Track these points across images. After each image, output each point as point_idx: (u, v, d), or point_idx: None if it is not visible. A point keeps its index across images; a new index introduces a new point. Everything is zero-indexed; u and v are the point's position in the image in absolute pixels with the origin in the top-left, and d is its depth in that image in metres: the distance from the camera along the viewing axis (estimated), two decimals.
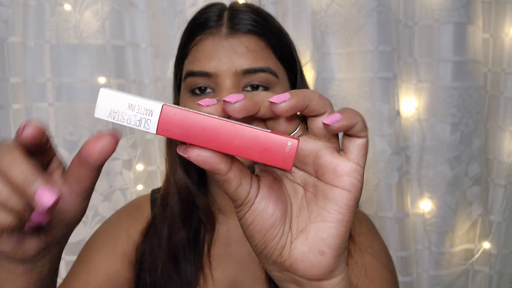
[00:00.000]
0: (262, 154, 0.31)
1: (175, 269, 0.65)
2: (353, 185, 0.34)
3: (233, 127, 0.31)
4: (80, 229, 1.00)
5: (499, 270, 1.09)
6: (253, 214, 0.35)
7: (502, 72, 1.03)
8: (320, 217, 0.35)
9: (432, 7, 0.99)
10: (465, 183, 1.05)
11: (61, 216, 0.37)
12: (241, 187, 0.34)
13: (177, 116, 0.31)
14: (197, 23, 0.64)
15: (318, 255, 0.34)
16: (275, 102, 0.31)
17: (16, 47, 0.91)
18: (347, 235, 0.35)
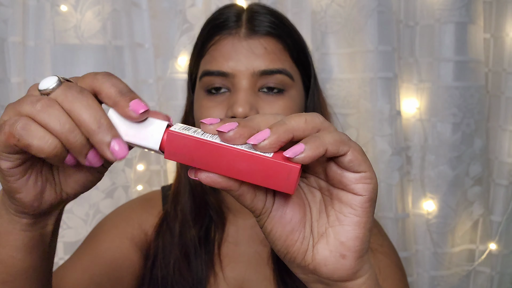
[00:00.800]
0: (265, 180, 0.32)
1: (187, 267, 0.66)
2: (363, 189, 0.34)
3: (234, 152, 0.32)
4: (81, 228, 1.00)
5: (500, 270, 1.09)
6: (272, 222, 0.36)
7: (503, 71, 1.03)
8: (338, 220, 0.35)
9: (433, 7, 0.99)
10: (466, 183, 1.04)
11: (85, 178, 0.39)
12: (256, 199, 0.34)
13: (181, 142, 0.32)
14: (216, 23, 0.65)
15: (339, 258, 0.35)
16: (254, 143, 0.32)
17: (17, 47, 0.91)
18: (368, 236, 0.35)
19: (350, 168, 0.34)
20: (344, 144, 0.33)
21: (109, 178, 1.00)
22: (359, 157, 0.34)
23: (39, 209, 0.38)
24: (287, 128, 0.32)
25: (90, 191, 0.99)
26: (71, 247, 1.01)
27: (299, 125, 0.32)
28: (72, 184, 0.39)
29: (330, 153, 0.32)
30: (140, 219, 0.70)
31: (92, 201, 1.00)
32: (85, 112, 0.32)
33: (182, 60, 1.01)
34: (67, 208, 0.99)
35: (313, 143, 0.31)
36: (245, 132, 0.32)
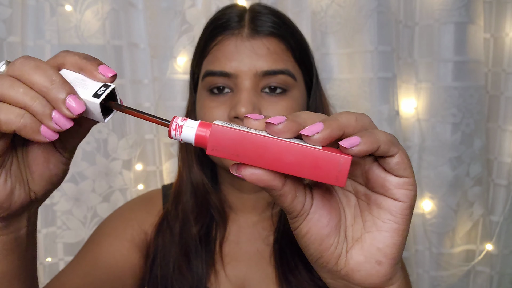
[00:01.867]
0: (314, 172, 0.31)
1: (187, 265, 0.66)
2: (405, 196, 0.33)
3: (282, 145, 0.31)
4: (79, 230, 1.00)
5: (500, 270, 1.09)
6: (308, 224, 0.35)
7: (503, 72, 1.03)
8: (375, 226, 0.34)
9: (432, 7, 0.99)
10: (466, 183, 1.04)
11: (49, 171, 0.39)
12: (296, 200, 0.34)
13: (226, 135, 0.31)
14: (219, 23, 0.65)
15: (375, 264, 0.34)
16: (307, 134, 0.31)
17: (15, 47, 0.91)
18: (404, 243, 0.35)
19: (395, 171, 0.33)
20: (394, 145, 0.32)
21: (106, 181, 1.00)
22: (406, 161, 0.33)
23: (10, 210, 0.38)
24: (339, 124, 0.31)
25: (88, 194, 0.99)
26: (71, 248, 1.00)
27: (350, 123, 0.32)
28: (38, 180, 0.39)
29: (381, 151, 0.32)
30: (140, 219, 0.70)
31: (90, 204, 1.00)
32: (35, 73, 0.33)
33: (181, 60, 1.00)
34: (66, 209, 0.99)
35: (368, 138, 0.31)
36: (293, 127, 0.31)
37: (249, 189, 0.68)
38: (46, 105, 0.33)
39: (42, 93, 0.33)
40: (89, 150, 0.98)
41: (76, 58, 0.35)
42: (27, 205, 0.39)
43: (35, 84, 0.33)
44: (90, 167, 0.99)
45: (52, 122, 0.33)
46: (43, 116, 0.33)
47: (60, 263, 1.00)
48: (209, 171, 0.71)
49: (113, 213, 0.73)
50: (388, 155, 0.32)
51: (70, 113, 0.33)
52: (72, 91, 0.33)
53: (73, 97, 0.33)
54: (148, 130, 1.02)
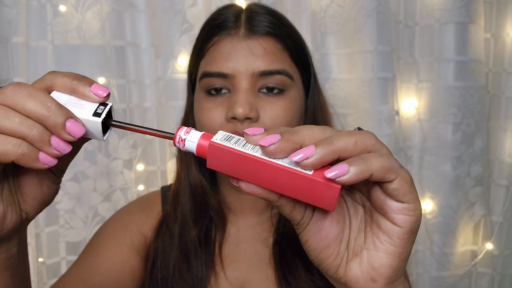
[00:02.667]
0: (305, 196, 0.32)
1: (187, 268, 0.65)
2: (404, 221, 0.33)
3: (275, 168, 0.31)
4: (81, 230, 1.01)
5: (501, 271, 1.08)
6: (308, 234, 0.35)
7: (504, 71, 1.03)
8: (373, 245, 0.34)
9: (433, 7, 0.99)
10: (467, 183, 1.04)
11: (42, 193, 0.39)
12: (295, 211, 0.34)
13: (222, 155, 0.32)
14: (215, 23, 0.65)
15: (369, 281, 0.34)
16: (297, 160, 0.31)
17: (20, 47, 0.91)
18: (402, 265, 0.34)
19: (394, 197, 0.32)
20: (391, 172, 0.31)
21: (107, 180, 1.00)
22: (405, 187, 0.32)
23: (2, 234, 0.38)
24: (333, 149, 0.31)
25: (88, 193, 0.99)
26: (73, 247, 1.01)
27: (347, 147, 0.31)
28: (30, 202, 0.39)
29: (375, 178, 0.31)
30: (139, 223, 0.70)
31: (91, 203, 1.00)
32: (29, 101, 0.33)
33: (182, 60, 1.01)
34: (69, 208, 0.99)
35: (358, 166, 0.30)
36: (287, 147, 0.31)
37: None
38: (44, 132, 0.33)
39: (40, 121, 0.33)
40: (90, 149, 0.99)
41: (66, 80, 0.35)
42: (19, 226, 0.39)
43: (31, 113, 0.33)
44: (92, 166, 0.99)
45: (52, 148, 0.33)
46: (42, 143, 0.33)
47: (62, 262, 1.01)
48: (207, 172, 0.70)
49: (112, 217, 0.73)
50: (385, 181, 0.32)
51: (71, 137, 0.33)
52: (70, 115, 0.33)
53: (72, 121, 0.33)
54: None
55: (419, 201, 0.33)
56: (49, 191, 0.40)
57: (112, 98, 0.97)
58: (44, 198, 0.40)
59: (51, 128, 0.33)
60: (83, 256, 0.66)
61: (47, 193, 0.40)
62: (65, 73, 0.35)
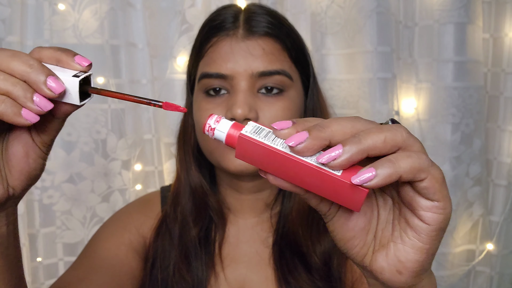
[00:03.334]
0: (332, 195, 0.31)
1: (187, 268, 0.65)
2: (432, 219, 0.32)
3: (303, 167, 0.31)
4: (79, 230, 1.00)
5: (500, 270, 1.09)
6: (334, 225, 0.36)
7: (502, 72, 1.03)
8: (401, 239, 0.34)
9: (432, 8, 0.99)
10: (466, 183, 1.05)
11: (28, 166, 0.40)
12: (321, 204, 0.35)
13: (251, 148, 0.32)
14: (213, 24, 0.64)
15: (396, 273, 0.34)
16: (324, 162, 0.30)
17: (14, 46, 0.90)
18: (429, 260, 0.34)
19: (424, 195, 0.32)
20: (422, 171, 0.31)
21: (105, 181, 0.99)
22: (436, 186, 0.31)
23: None
24: (361, 148, 0.30)
25: (86, 194, 0.98)
26: (70, 249, 1.00)
27: (376, 145, 0.30)
28: (17, 175, 0.40)
29: (404, 180, 0.31)
30: (138, 224, 0.69)
31: (89, 204, 1.00)
32: (12, 60, 0.35)
33: (181, 60, 1.00)
34: (65, 209, 0.98)
35: (385, 170, 0.30)
36: (315, 145, 0.31)
37: (248, 190, 0.68)
38: (27, 89, 0.35)
39: (22, 77, 0.35)
40: (87, 150, 0.98)
41: (51, 51, 0.37)
42: (5, 201, 0.40)
43: (14, 70, 0.35)
44: (89, 167, 0.98)
45: (34, 105, 0.35)
46: (25, 99, 0.35)
47: (60, 263, 1.00)
48: (207, 172, 0.70)
49: (111, 217, 0.72)
50: (415, 181, 0.31)
51: (52, 93, 0.35)
52: (51, 73, 0.35)
53: (53, 78, 0.35)
54: (147, 130, 1.02)
55: (450, 199, 0.33)
56: (35, 164, 0.41)
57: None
58: (31, 172, 0.40)
59: (33, 84, 0.35)
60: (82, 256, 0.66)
61: (34, 166, 0.40)
62: (50, 47, 0.38)
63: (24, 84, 0.35)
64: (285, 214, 0.67)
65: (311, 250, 0.65)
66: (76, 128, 0.97)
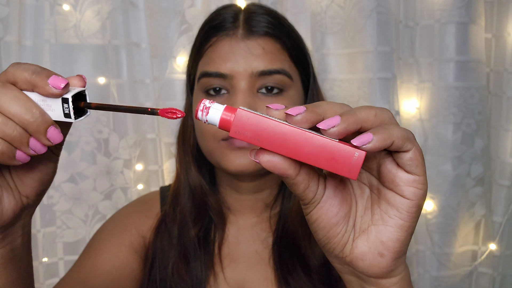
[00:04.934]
0: (329, 163, 0.32)
1: (186, 268, 0.65)
2: (413, 194, 0.34)
3: (302, 135, 0.32)
4: (80, 228, 1.00)
5: (502, 271, 1.08)
6: (318, 212, 0.36)
7: (505, 71, 1.02)
8: (382, 220, 0.36)
9: (433, 7, 0.99)
10: (468, 183, 1.04)
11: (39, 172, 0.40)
12: (308, 189, 0.35)
13: (250, 120, 0.33)
14: (213, 24, 0.65)
15: (377, 256, 0.36)
16: (323, 128, 0.32)
17: (12, 46, 0.91)
18: (409, 239, 0.36)
19: (407, 167, 0.34)
20: (409, 141, 0.33)
21: (108, 179, 1.00)
22: (419, 158, 0.34)
23: (2, 221, 0.38)
24: (356, 119, 0.32)
25: (88, 192, 0.99)
26: (71, 247, 1.01)
27: (368, 118, 0.33)
28: (29, 183, 0.39)
29: (395, 146, 0.33)
30: (137, 224, 0.70)
31: (91, 202, 1.00)
32: (14, 104, 0.34)
33: (181, 60, 1.01)
34: (66, 208, 0.99)
35: (381, 134, 0.32)
36: (312, 117, 0.32)
37: (247, 190, 0.68)
38: (24, 134, 0.34)
39: (23, 124, 0.34)
40: (88, 150, 0.99)
41: (26, 75, 0.35)
42: (20, 212, 0.39)
43: (15, 116, 0.34)
44: (90, 166, 0.99)
45: (29, 149, 0.35)
46: (21, 144, 0.35)
47: (60, 263, 1.01)
48: (207, 172, 0.70)
49: (110, 218, 0.73)
50: (402, 150, 0.33)
51: (50, 143, 0.35)
52: (52, 123, 0.35)
53: (53, 129, 0.35)
54: (149, 130, 1.02)
55: (426, 177, 0.35)
56: (47, 169, 0.40)
57: (112, 98, 0.97)
58: (42, 178, 0.40)
59: (33, 133, 0.35)
60: (82, 258, 0.66)
61: (45, 171, 0.40)
62: (25, 67, 0.35)
63: (21, 129, 0.34)
64: (284, 214, 0.67)
65: (310, 251, 0.65)
66: (77, 128, 0.98)
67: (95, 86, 0.97)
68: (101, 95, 0.98)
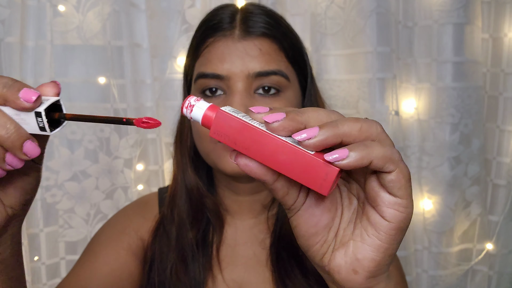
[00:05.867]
0: (302, 175, 0.31)
1: (184, 270, 0.65)
2: (393, 216, 0.33)
3: (277, 143, 0.32)
4: (82, 228, 1.01)
5: (498, 270, 1.09)
6: (297, 220, 0.36)
7: (501, 72, 1.04)
8: (361, 237, 0.34)
9: (431, 8, 0.99)
10: (464, 183, 1.05)
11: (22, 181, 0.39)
12: (287, 196, 0.34)
13: (228, 123, 0.32)
14: (210, 25, 0.64)
15: (351, 272, 0.35)
16: (298, 139, 0.31)
17: (13, 47, 0.91)
18: (387, 261, 0.34)
19: (389, 189, 0.32)
20: (392, 163, 0.31)
21: (109, 179, 1.00)
22: (402, 181, 0.32)
23: None
24: (337, 133, 0.31)
25: (90, 192, 0.99)
26: (72, 247, 1.01)
27: (351, 133, 0.31)
28: (12, 193, 0.38)
29: (374, 166, 0.31)
30: (136, 226, 0.69)
31: (92, 201, 1.00)
32: None
33: (181, 60, 1.01)
34: (68, 207, 0.99)
35: (359, 152, 0.30)
36: (290, 126, 0.31)
37: (245, 192, 0.68)
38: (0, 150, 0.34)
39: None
40: (91, 148, 0.99)
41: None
42: (6, 223, 0.39)
43: None
44: (93, 165, 0.99)
45: (5, 164, 0.34)
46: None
47: (62, 262, 1.01)
48: (204, 174, 0.70)
49: (109, 220, 0.72)
50: (383, 171, 0.32)
51: (27, 157, 0.34)
52: (28, 137, 0.34)
53: (29, 143, 0.34)
54: (150, 130, 1.02)
55: (412, 200, 0.33)
56: (29, 179, 0.39)
57: (112, 98, 0.97)
58: (25, 187, 0.39)
59: (9, 148, 0.34)
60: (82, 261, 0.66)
61: (28, 181, 0.39)
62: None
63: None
64: (282, 216, 0.67)
65: None
66: (80, 127, 0.98)
67: (96, 86, 0.97)
68: (102, 95, 0.98)
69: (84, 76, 0.98)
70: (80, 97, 0.98)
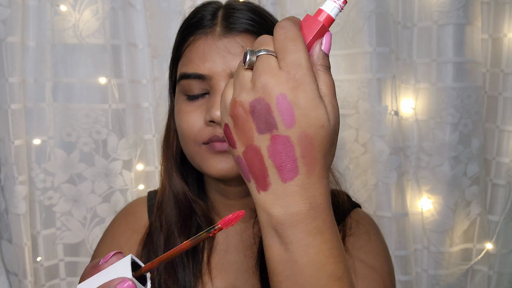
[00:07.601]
0: None
1: (174, 279, 0.63)
2: None
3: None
4: (79, 231, 1.00)
5: (498, 269, 1.09)
6: None
7: (501, 72, 1.04)
8: None
9: (431, 8, 0.99)
10: (464, 183, 1.05)
11: None
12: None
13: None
14: (191, 22, 0.62)
15: None
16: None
17: (15, 47, 0.90)
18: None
19: None
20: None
21: (106, 182, 0.99)
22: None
23: None
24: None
25: (87, 195, 0.98)
26: (70, 249, 1.00)
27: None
28: None
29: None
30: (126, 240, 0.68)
31: (89, 205, 0.99)
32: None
33: None
34: (66, 210, 0.98)
35: None
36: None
37: (234, 195, 0.66)
38: None
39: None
40: (87, 151, 0.98)
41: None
42: None
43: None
44: (89, 168, 0.99)
45: None
46: None
47: (61, 264, 1.00)
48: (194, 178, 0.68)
49: (101, 240, 0.71)
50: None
51: None
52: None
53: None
54: (147, 130, 1.02)
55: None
56: None
57: (112, 97, 0.97)
58: None
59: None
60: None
61: None
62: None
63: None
64: None
65: None
66: (76, 129, 0.97)
67: (95, 85, 0.97)
68: (101, 95, 0.97)
69: (83, 76, 0.97)
70: (77, 98, 0.97)
